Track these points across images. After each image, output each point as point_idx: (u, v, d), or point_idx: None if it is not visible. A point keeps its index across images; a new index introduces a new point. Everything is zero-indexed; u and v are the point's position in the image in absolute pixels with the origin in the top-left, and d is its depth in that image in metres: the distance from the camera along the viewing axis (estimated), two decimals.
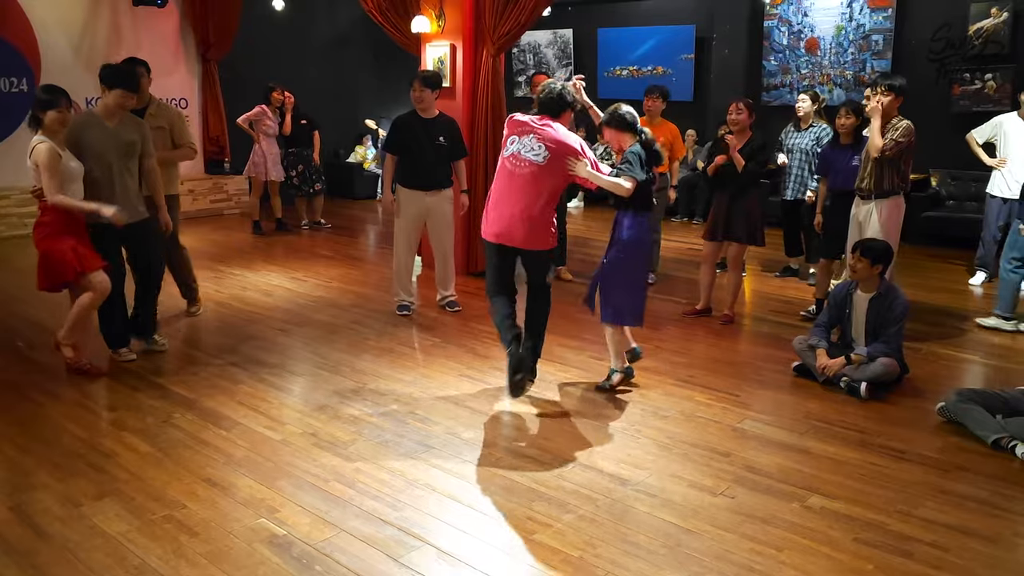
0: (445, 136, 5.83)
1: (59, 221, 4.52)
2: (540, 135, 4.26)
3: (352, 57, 12.17)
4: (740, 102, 5.86)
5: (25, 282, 6.91)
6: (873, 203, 5.41)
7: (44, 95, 4.45)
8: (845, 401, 4.54)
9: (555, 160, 4.25)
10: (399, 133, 5.82)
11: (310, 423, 4.15)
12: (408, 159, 5.83)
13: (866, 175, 5.43)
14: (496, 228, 4.35)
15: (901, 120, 5.30)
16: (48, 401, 4.39)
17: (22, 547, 3.01)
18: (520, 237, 4.31)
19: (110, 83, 4.70)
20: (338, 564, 2.93)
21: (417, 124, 5.80)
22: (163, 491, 3.43)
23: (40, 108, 4.42)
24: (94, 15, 9.44)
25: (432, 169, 5.84)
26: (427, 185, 5.85)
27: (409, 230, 5.98)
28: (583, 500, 3.40)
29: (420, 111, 5.81)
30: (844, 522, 3.26)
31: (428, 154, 5.79)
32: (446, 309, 6.21)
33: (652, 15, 11.60)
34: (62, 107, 4.44)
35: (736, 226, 5.81)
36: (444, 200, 5.96)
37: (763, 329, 5.92)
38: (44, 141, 4.40)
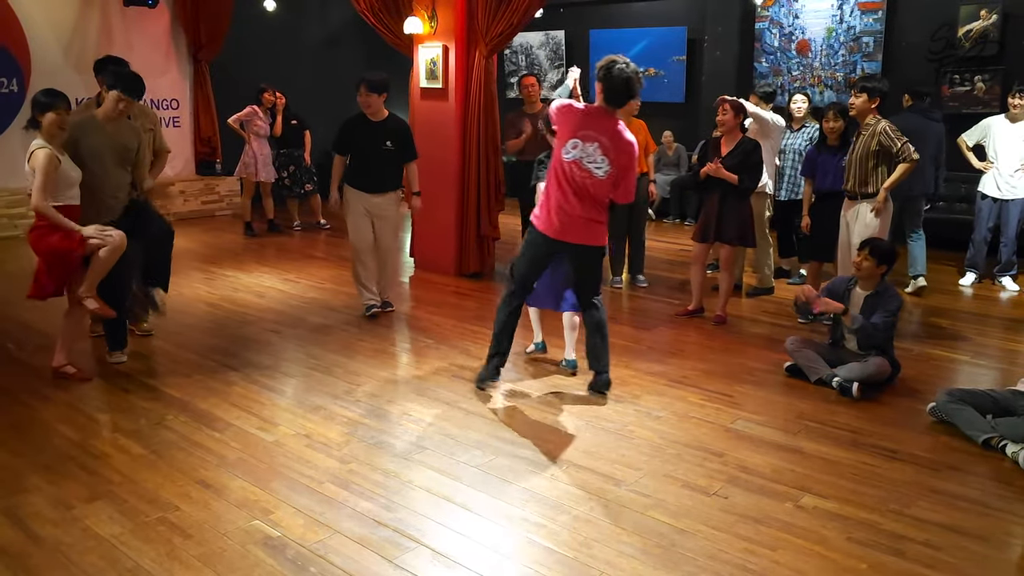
0: (393, 140, 5.77)
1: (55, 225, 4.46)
2: (604, 146, 4.14)
3: (344, 58, 12.15)
4: (726, 103, 5.81)
5: (15, 285, 6.87)
6: (860, 204, 5.45)
7: (43, 98, 4.42)
8: (837, 401, 4.56)
9: (614, 171, 4.20)
10: (347, 134, 5.79)
11: (303, 424, 4.14)
12: (356, 160, 5.81)
13: (850, 176, 5.48)
14: (557, 226, 4.27)
15: (879, 122, 5.35)
16: (39, 403, 4.37)
17: (14, 550, 3.00)
18: (578, 234, 4.29)
19: (111, 83, 4.69)
20: (332, 566, 2.92)
21: (365, 126, 5.74)
22: (156, 493, 3.41)
23: (39, 111, 4.39)
24: (85, 15, 9.39)
25: (379, 171, 5.79)
26: (373, 187, 5.80)
27: (360, 232, 5.89)
28: (577, 500, 3.40)
29: (370, 114, 5.74)
30: (837, 521, 3.27)
31: (376, 156, 5.74)
32: (381, 309, 6.11)
33: (644, 16, 11.62)
34: (60, 110, 4.41)
35: (727, 227, 5.82)
36: (390, 202, 5.91)
37: (755, 330, 5.94)
38: (44, 147, 4.36)
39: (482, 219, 7.25)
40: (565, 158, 4.19)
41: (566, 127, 4.21)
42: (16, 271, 7.41)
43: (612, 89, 4.12)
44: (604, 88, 4.14)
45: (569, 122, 4.20)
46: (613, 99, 4.16)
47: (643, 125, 7.24)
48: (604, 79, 4.13)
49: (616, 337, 5.64)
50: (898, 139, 5.28)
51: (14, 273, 7.34)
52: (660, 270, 7.70)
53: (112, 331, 4.97)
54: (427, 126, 7.36)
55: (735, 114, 5.79)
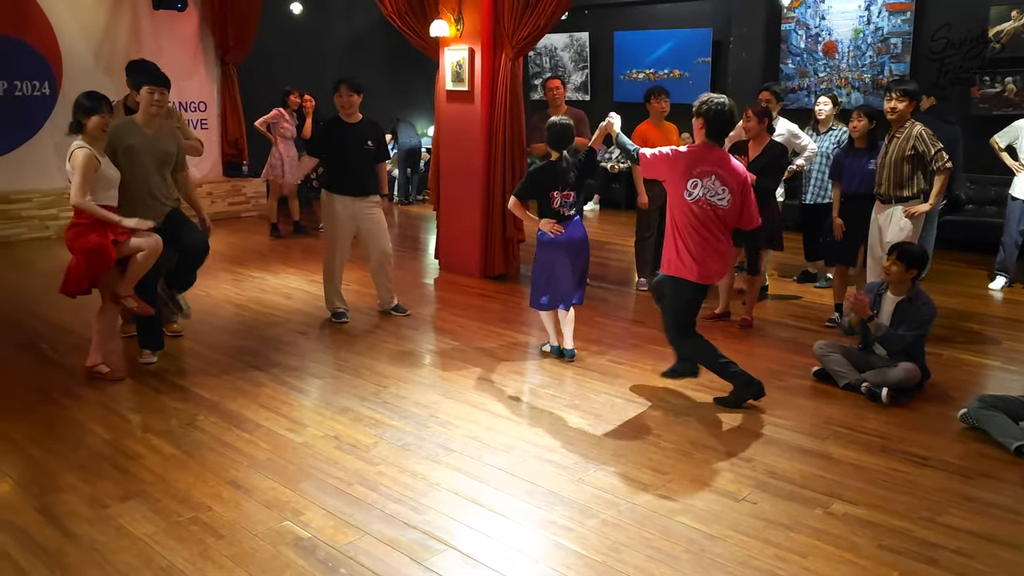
0: (372, 140, 5.77)
1: (91, 224, 4.55)
2: (721, 177, 4.27)
3: (368, 60, 12.22)
4: (751, 109, 5.79)
5: (47, 285, 6.97)
6: (893, 207, 5.40)
7: (88, 101, 4.49)
8: (866, 407, 4.52)
9: (736, 199, 4.32)
10: (325, 137, 5.78)
11: (332, 426, 4.18)
12: (337, 165, 5.76)
13: (883, 180, 5.41)
14: (713, 270, 4.37)
15: (915, 125, 5.29)
16: (72, 403, 4.44)
17: (51, 548, 3.05)
18: (718, 272, 4.45)
19: (136, 83, 4.78)
20: (362, 567, 2.94)
21: (343, 129, 5.71)
22: (188, 493, 3.46)
23: (84, 114, 4.47)
24: (115, 19, 9.52)
25: (362, 173, 5.77)
26: (358, 191, 5.74)
27: (341, 237, 5.83)
28: (605, 505, 3.40)
29: (346, 116, 5.71)
30: (868, 528, 3.25)
31: (359, 159, 5.72)
32: (392, 313, 6.10)
33: (669, 18, 11.59)
34: (104, 113, 4.50)
35: (755, 232, 5.78)
36: (375, 205, 5.86)
37: (782, 334, 5.90)
38: (84, 147, 4.44)
39: (507, 221, 7.27)
40: (690, 199, 4.27)
41: (677, 173, 4.30)
42: (48, 271, 7.52)
43: (713, 123, 4.27)
44: (706, 123, 4.30)
45: (679, 167, 4.30)
46: (715, 133, 4.31)
47: (675, 128, 7.21)
48: (704, 115, 4.28)
49: (641, 340, 5.65)
50: (933, 145, 5.22)
51: (46, 273, 7.44)
52: None
53: (145, 331, 5.03)
54: (453, 129, 7.39)
55: (759, 120, 5.77)
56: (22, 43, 8.82)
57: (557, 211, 4.99)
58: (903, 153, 5.32)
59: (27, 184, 8.95)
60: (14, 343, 5.44)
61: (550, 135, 5.03)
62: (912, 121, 5.35)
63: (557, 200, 4.98)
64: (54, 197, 9.04)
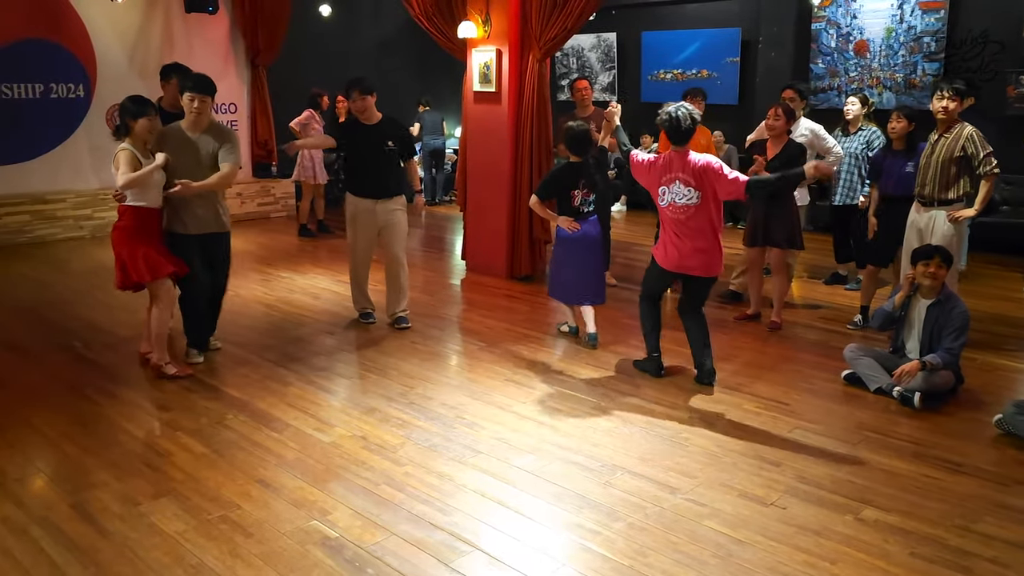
0: (394, 139, 5.66)
1: (134, 225, 4.64)
2: (683, 180, 4.57)
3: (396, 62, 12.28)
4: (779, 107, 5.75)
5: (82, 284, 7.12)
6: (935, 211, 5.30)
7: (134, 105, 4.59)
8: (898, 411, 4.46)
9: (706, 191, 4.55)
10: (344, 141, 5.73)
11: (359, 426, 4.20)
12: (355, 167, 5.70)
13: (927, 181, 5.32)
14: (675, 262, 4.74)
15: (965, 126, 5.17)
16: (106, 401, 4.51)
17: (84, 544, 3.10)
18: (697, 266, 4.71)
19: (182, 87, 4.84)
20: (389, 568, 2.96)
21: (360, 132, 5.64)
22: (218, 491, 3.49)
23: (131, 117, 4.57)
24: (148, 22, 9.66)
25: (384, 175, 5.66)
26: (380, 192, 5.65)
27: (363, 240, 5.77)
28: (632, 508, 3.39)
29: (364, 119, 5.62)
30: (900, 536, 3.20)
31: (377, 160, 5.62)
32: (394, 326, 5.87)
33: (697, 18, 11.52)
34: (151, 115, 4.60)
35: (774, 231, 5.75)
36: (396, 207, 5.73)
37: (812, 336, 5.84)
38: (126, 148, 4.55)
39: (534, 222, 7.26)
40: (663, 204, 4.69)
41: (651, 182, 4.73)
42: (82, 270, 7.66)
43: (670, 131, 4.58)
44: (665, 133, 4.65)
45: (652, 177, 4.72)
46: (676, 139, 4.60)
47: (706, 131, 7.19)
48: (661, 126, 4.62)
49: (669, 343, 5.60)
50: (983, 148, 5.08)
51: (80, 272, 7.58)
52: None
53: (193, 332, 5.11)
54: (480, 130, 7.41)
55: (787, 119, 5.72)
56: (58, 46, 8.98)
57: (577, 209, 5.33)
58: (951, 154, 5.17)
59: (62, 185, 9.11)
60: (49, 341, 5.53)
61: (569, 140, 5.32)
62: (962, 122, 5.22)
63: (578, 198, 5.33)
64: (88, 198, 9.20)
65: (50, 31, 8.91)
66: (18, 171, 8.84)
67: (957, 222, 5.22)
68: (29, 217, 8.88)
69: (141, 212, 4.64)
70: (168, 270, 4.69)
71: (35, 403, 4.46)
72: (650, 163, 4.73)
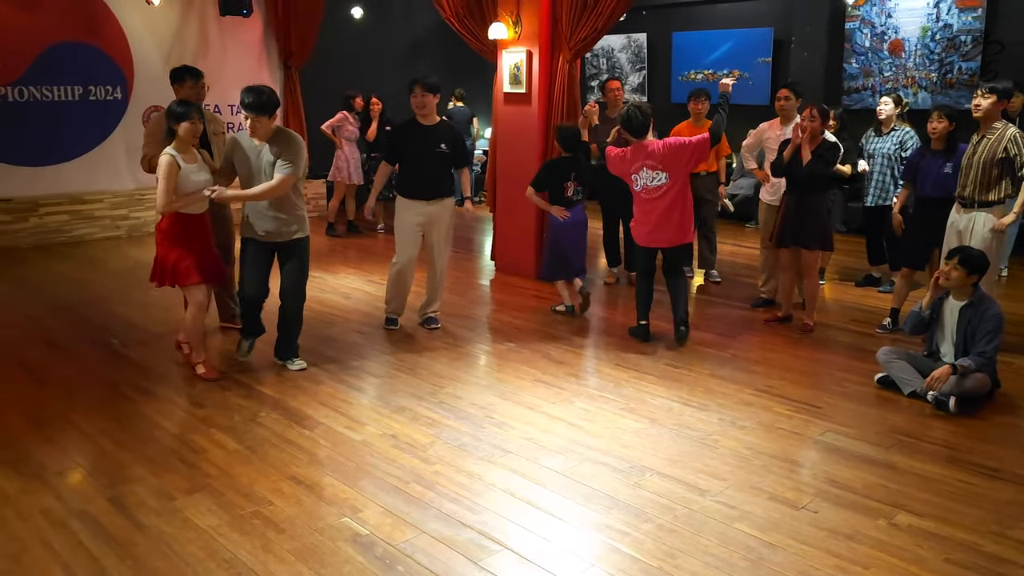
0: (447, 143, 5.63)
1: (173, 230, 4.65)
2: (650, 166, 5.35)
3: (427, 63, 12.32)
4: (814, 108, 5.67)
5: (118, 283, 7.25)
6: (976, 213, 5.21)
7: (178, 108, 4.60)
8: (933, 415, 4.40)
9: (673, 170, 5.31)
10: (400, 142, 5.70)
11: (389, 424, 4.23)
12: (407, 168, 5.67)
13: (968, 183, 5.23)
14: (650, 238, 5.55)
15: (1007, 127, 5.08)
16: (141, 398, 4.59)
17: (121, 537, 3.16)
18: (669, 239, 5.51)
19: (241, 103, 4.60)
20: (419, 565, 2.98)
21: (417, 132, 5.62)
22: (251, 488, 3.54)
23: (174, 120, 4.58)
24: (184, 25, 9.80)
25: (435, 177, 5.65)
26: (430, 194, 5.65)
27: (410, 243, 5.72)
28: (661, 509, 3.38)
29: (421, 117, 5.62)
30: (934, 541, 3.16)
31: (429, 162, 5.60)
32: (424, 326, 5.92)
33: (729, 18, 11.44)
34: (194, 119, 4.60)
35: (805, 231, 5.68)
36: (445, 209, 5.74)
37: (844, 339, 5.77)
38: (167, 153, 4.56)
39: None
40: (638, 189, 5.48)
41: (624, 172, 5.51)
42: (119, 269, 7.80)
43: (629, 127, 5.38)
44: (626, 129, 5.42)
45: (622, 167, 5.51)
46: (636, 133, 5.38)
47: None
48: (621, 122, 5.44)
49: (699, 344, 5.59)
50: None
51: (117, 271, 7.72)
52: (730, 272, 7.57)
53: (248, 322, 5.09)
54: (510, 131, 7.42)
55: (823, 120, 5.66)
56: (97, 49, 9.15)
57: (569, 199, 6.10)
58: (993, 155, 5.08)
59: (99, 185, 9.28)
60: (87, 338, 5.64)
61: (561, 138, 6.10)
62: (1005, 123, 5.13)
63: (570, 190, 6.10)
64: (125, 198, 9.37)
65: (89, 35, 9.08)
66: (57, 172, 9.02)
67: (1000, 232, 5.13)
68: (68, 217, 9.06)
69: (181, 218, 4.65)
70: (194, 280, 4.66)
71: (74, 399, 4.55)
72: (621, 156, 5.47)
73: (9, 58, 8.56)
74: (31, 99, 8.76)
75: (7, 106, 8.61)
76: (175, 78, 5.61)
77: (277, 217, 4.77)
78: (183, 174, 4.58)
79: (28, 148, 8.79)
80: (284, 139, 4.70)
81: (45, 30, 8.76)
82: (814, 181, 5.61)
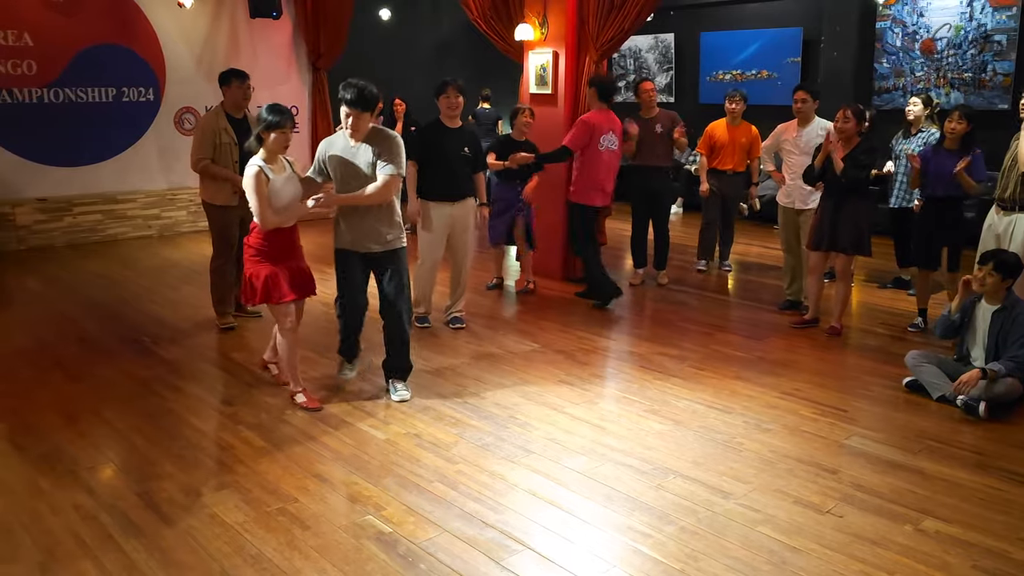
0: (469, 146, 5.73)
1: (264, 246, 4.35)
2: (614, 130, 6.44)
3: (453, 64, 12.38)
4: (848, 109, 5.59)
5: (150, 282, 7.37)
6: (1017, 215, 5.11)
7: (272, 116, 4.22)
8: (962, 420, 4.35)
9: (620, 139, 6.56)
10: (426, 141, 5.72)
11: (413, 424, 4.27)
12: (433, 170, 5.68)
13: (1008, 184, 5.14)
14: (604, 198, 6.59)
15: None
16: (171, 395, 4.66)
17: (150, 531, 3.21)
18: (611, 194, 6.66)
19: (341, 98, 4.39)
20: (441, 564, 3.00)
21: (443, 134, 5.68)
22: (277, 485, 3.59)
23: (266, 128, 4.21)
24: (214, 28, 9.94)
25: (460, 179, 5.73)
26: (454, 195, 5.72)
27: (437, 243, 5.79)
28: (684, 512, 3.37)
29: (449, 120, 5.69)
30: (961, 548, 3.12)
31: (454, 164, 5.67)
32: (449, 325, 5.97)
33: (757, 18, 11.36)
34: (288, 128, 4.27)
35: (841, 235, 5.62)
36: (468, 210, 5.82)
37: (871, 342, 5.71)
38: (253, 164, 4.21)
39: None
40: (601, 150, 6.37)
41: (594, 136, 6.32)
42: (150, 268, 7.92)
43: (600, 88, 6.41)
44: (597, 91, 6.42)
45: (594, 133, 6.32)
46: (603, 96, 6.43)
47: (752, 128, 7.39)
48: (592, 84, 6.47)
49: (724, 346, 5.57)
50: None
51: (149, 270, 7.84)
52: (752, 273, 7.52)
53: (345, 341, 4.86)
54: (536, 132, 7.39)
55: (857, 121, 5.58)
56: (130, 52, 9.31)
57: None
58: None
59: (132, 185, 9.44)
60: (119, 336, 5.74)
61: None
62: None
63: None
64: (157, 198, 9.52)
65: (122, 37, 9.24)
66: (91, 172, 9.20)
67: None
68: (101, 216, 9.23)
69: (271, 233, 4.34)
70: (288, 298, 4.35)
71: (106, 395, 4.64)
72: (586, 124, 6.31)
73: (46, 61, 8.74)
74: (66, 101, 8.95)
75: (43, 108, 8.80)
76: (223, 81, 5.75)
77: (375, 227, 4.46)
78: (272, 186, 4.24)
79: (63, 149, 8.98)
80: (382, 138, 4.41)
81: (80, 33, 8.93)
82: (852, 185, 5.53)
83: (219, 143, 5.64)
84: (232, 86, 5.74)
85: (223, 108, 5.78)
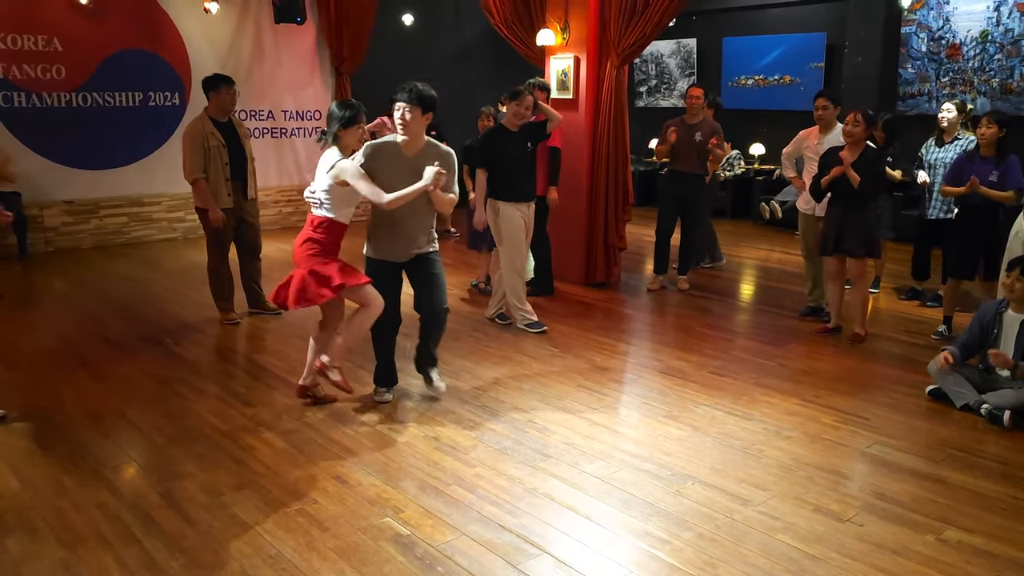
0: (532, 141, 5.88)
1: (328, 240, 4.30)
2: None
3: (475, 69, 12.43)
4: (858, 113, 5.54)
5: (174, 283, 7.45)
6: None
7: (346, 111, 4.22)
8: (985, 430, 4.29)
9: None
10: (491, 149, 5.80)
11: (432, 427, 4.28)
12: (505, 174, 5.77)
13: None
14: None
15: None
16: (193, 395, 4.71)
17: (171, 531, 3.25)
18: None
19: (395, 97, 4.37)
20: (459, 567, 3.01)
21: (508, 137, 5.79)
22: (296, 485, 3.62)
23: (342, 126, 4.20)
24: (240, 32, 10.05)
25: (529, 179, 5.89)
26: (528, 196, 5.89)
27: (521, 244, 5.89)
28: (702, 518, 3.36)
29: (515, 123, 5.78)
30: (984, 558, 3.08)
31: (523, 165, 5.82)
32: (497, 321, 6.21)
33: (781, 23, 11.30)
34: (362, 123, 4.30)
35: (849, 239, 5.56)
36: (533, 209, 6.02)
37: (894, 350, 5.66)
38: (344, 161, 4.17)
39: (609, 229, 7.26)
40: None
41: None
42: (175, 270, 8.02)
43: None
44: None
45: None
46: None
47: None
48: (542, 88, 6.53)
49: (745, 353, 5.54)
50: None
51: (172, 272, 7.94)
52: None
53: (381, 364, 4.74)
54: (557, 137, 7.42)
55: (866, 126, 5.53)
56: (156, 56, 9.43)
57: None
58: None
59: (157, 188, 9.55)
60: (143, 336, 5.81)
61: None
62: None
63: None
64: (182, 201, 9.62)
65: (149, 42, 9.37)
66: (117, 175, 9.32)
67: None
68: (126, 219, 9.36)
69: (336, 227, 4.31)
70: (365, 279, 4.31)
71: (129, 395, 4.70)
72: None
73: (74, 66, 8.88)
74: (94, 105, 9.08)
75: (72, 112, 8.93)
76: (211, 86, 5.85)
77: (418, 236, 4.45)
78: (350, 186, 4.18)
79: (91, 152, 9.11)
80: (443, 153, 4.39)
81: (108, 39, 9.07)
82: (862, 190, 5.49)
83: (207, 147, 5.83)
84: (221, 91, 5.90)
85: (207, 113, 5.92)
